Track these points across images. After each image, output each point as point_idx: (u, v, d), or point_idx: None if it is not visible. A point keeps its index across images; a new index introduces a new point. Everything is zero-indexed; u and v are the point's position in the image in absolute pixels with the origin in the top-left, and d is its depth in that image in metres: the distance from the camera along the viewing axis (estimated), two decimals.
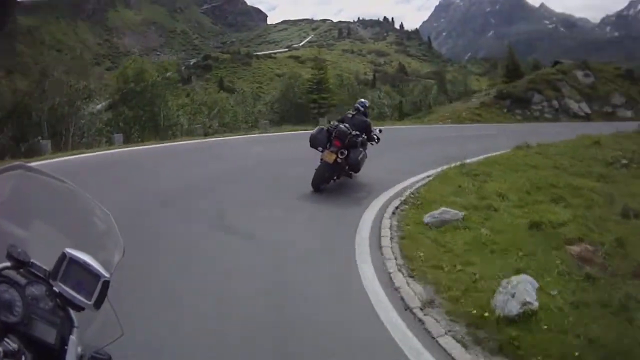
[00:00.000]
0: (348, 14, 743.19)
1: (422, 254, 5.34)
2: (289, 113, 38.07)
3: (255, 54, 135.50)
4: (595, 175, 10.51)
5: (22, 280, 1.20)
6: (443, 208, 6.42)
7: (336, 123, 9.02)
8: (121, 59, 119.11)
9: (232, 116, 35.14)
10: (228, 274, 4.86)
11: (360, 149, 8.59)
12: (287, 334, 3.75)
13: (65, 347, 1.17)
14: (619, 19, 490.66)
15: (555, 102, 34.43)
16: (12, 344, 1.08)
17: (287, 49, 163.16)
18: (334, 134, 8.60)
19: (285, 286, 4.68)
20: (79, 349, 1.20)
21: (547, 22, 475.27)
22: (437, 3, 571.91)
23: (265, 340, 3.66)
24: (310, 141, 8.86)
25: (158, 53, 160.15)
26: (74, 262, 1.21)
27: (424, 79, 79.65)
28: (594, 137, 17.69)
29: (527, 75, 39.92)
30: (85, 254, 1.24)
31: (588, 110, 35.06)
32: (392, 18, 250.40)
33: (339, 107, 37.59)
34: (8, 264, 1.20)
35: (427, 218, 6.31)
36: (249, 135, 19.61)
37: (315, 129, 9.14)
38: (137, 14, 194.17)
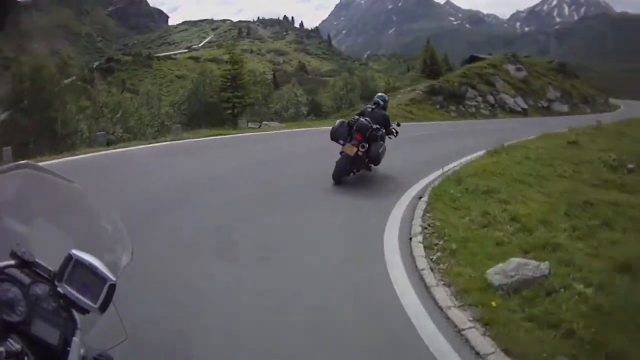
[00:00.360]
0: (248, 14, 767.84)
1: None
2: (199, 114, 36.41)
3: (156, 55, 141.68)
4: (613, 185, 9.59)
5: (26, 280, 1.25)
6: (515, 259, 4.54)
7: (356, 117, 9.71)
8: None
9: (137, 120, 34.10)
10: None
11: (381, 142, 9.37)
12: None
13: (68, 348, 1.23)
14: (531, 15, 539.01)
15: (490, 97, 34.94)
16: (15, 344, 1.12)
17: (186, 50, 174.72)
18: (355, 127, 9.33)
19: None
20: (82, 351, 1.25)
21: (452, 18, 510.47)
22: (338, 1, 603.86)
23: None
24: (331, 134, 9.54)
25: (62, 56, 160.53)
26: (80, 264, 1.26)
27: (324, 77, 79.98)
28: (560, 135, 17.43)
29: (457, 70, 40.41)
30: (92, 256, 1.28)
31: (524, 105, 35.98)
32: (292, 17, 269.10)
33: (254, 106, 37.24)
34: (12, 262, 1.25)
35: (494, 276, 4.39)
36: (160, 144, 15.25)
37: (337, 122, 9.75)
38: (45, 17, 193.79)
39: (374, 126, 9.38)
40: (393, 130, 10.39)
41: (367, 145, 9.20)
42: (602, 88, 79.38)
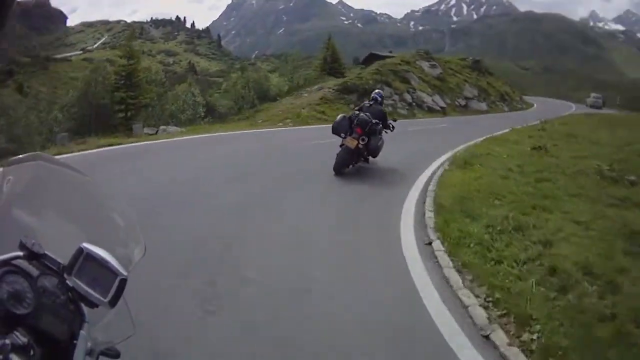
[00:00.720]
0: (142, 14, 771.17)
1: None
2: (88, 118, 34.02)
3: (53, 57, 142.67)
4: (631, 203, 8.79)
5: (34, 272, 1.29)
6: None
7: (357, 112, 11.45)
8: None
9: (24, 126, 32.85)
10: None
11: (380, 136, 11.15)
12: None
13: (75, 342, 1.27)
14: (426, 14, 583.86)
15: (407, 96, 34.64)
16: (21, 337, 1.16)
17: (81, 52, 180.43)
18: (355, 122, 10.93)
19: None
20: (89, 345, 1.30)
21: (343, 18, 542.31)
22: (230, 1, 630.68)
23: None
24: (332, 128, 11.23)
25: None
26: (91, 257, 1.31)
27: (212, 77, 79.00)
28: (512, 138, 17.32)
29: (372, 66, 39.95)
30: (103, 250, 1.34)
31: (443, 104, 36.31)
32: (184, 17, 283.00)
33: (148, 108, 35.44)
34: (20, 253, 1.30)
35: None
36: None
37: (338, 117, 11.40)
38: None
39: (374, 121, 10.97)
40: (390, 125, 12.01)
41: (367, 139, 10.77)
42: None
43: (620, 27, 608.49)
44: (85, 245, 1.32)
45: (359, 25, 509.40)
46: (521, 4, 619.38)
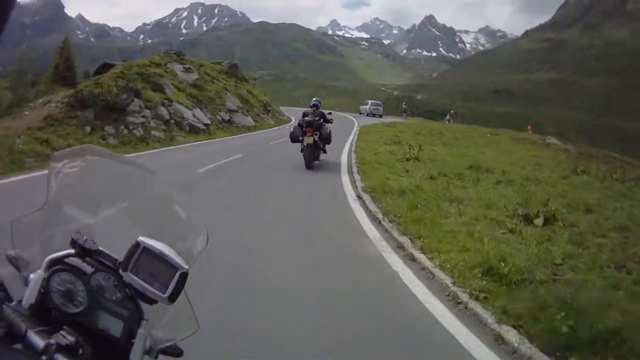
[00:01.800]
0: None
1: None
2: None
3: None
4: None
5: (88, 269, 1.31)
6: None
7: (303, 119, 16.04)
8: None
9: None
10: None
11: (326, 126, 16.38)
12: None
13: (132, 340, 1.28)
14: (157, 27, 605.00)
15: (163, 110, 27.03)
16: (68, 336, 1.16)
17: None
18: (304, 125, 15.73)
19: None
20: (147, 343, 1.29)
21: (79, 32, 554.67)
22: None
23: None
24: (290, 137, 16.34)
25: None
26: (148, 251, 1.30)
27: None
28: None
29: (116, 68, 30.94)
30: (162, 243, 1.32)
31: (206, 120, 29.76)
32: None
33: None
34: (72, 251, 1.31)
35: None
36: None
37: (291, 128, 16.78)
38: None
39: (316, 119, 16.01)
40: (330, 118, 17.34)
41: (318, 133, 15.68)
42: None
43: (364, 35, 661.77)
44: (142, 238, 1.29)
45: (92, 39, 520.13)
46: (255, 16, 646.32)
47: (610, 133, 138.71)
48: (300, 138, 15.50)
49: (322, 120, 16.09)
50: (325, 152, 16.66)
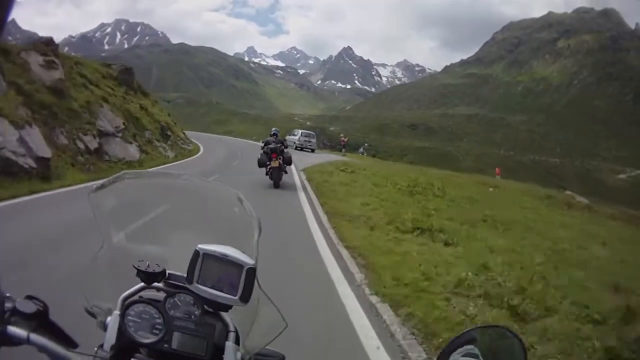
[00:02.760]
0: None
1: None
2: None
3: None
4: None
5: (159, 295, 1.31)
6: None
7: (266, 147, 18.83)
8: None
9: None
10: None
11: (287, 151, 19.34)
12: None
13: (222, 355, 1.26)
14: (82, 40, 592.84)
15: None
16: None
17: None
18: (269, 152, 18.55)
19: None
20: (239, 354, 1.28)
21: (10, 37, 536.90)
22: None
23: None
24: (258, 163, 19.19)
25: None
26: (210, 257, 1.29)
27: None
28: None
29: None
30: (221, 245, 1.31)
31: (46, 151, 16.79)
32: None
33: None
34: (141, 285, 1.31)
35: None
36: None
37: (259, 155, 19.27)
38: None
39: (279, 145, 18.90)
40: (287, 144, 20.61)
41: (281, 157, 18.71)
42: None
43: (280, 63, 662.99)
44: (200, 246, 1.28)
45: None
46: (176, 37, 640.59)
47: (532, 169, 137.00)
48: (267, 163, 18.67)
49: (282, 146, 19.07)
50: (286, 172, 19.74)
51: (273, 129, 20.56)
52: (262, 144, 19.61)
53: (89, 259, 1.36)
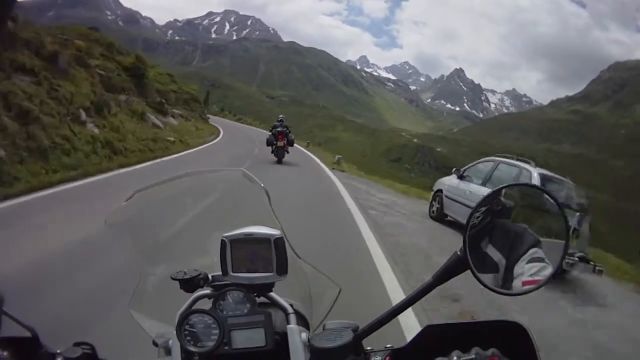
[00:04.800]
0: None
1: None
2: None
3: None
4: None
5: (207, 304, 1.30)
6: None
7: (274, 130, 23.28)
8: None
9: None
10: None
11: (291, 135, 23.69)
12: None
13: (287, 341, 1.24)
14: (188, 25, 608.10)
15: None
16: None
17: None
18: (276, 134, 22.88)
19: None
20: (304, 335, 1.24)
21: (108, 12, 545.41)
22: None
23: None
24: (267, 143, 23.56)
25: None
26: (236, 241, 1.28)
27: None
28: None
29: None
30: (241, 228, 1.29)
31: None
32: None
33: None
34: (193, 296, 1.30)
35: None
36: None
37: (268, 136, 23.84)
38: None
39: (284, 129, 23.08)
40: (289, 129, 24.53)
41: (286, 139, 22.92)
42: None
43: (391, 76, 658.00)
44: (224, 234, 1.27)
45: (120, 23, 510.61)
46: (287, 36, 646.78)
47: (632, 219, 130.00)
48: (274, 143, 22.91)
49: (287, 130, 23.19)
50: (288, 152, 23.47)
51: (280, 115, 25.44)
52: (271, 128, 23.96)
53: (133, 292, 1.39)
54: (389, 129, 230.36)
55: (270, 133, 23.65)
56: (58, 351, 1.15)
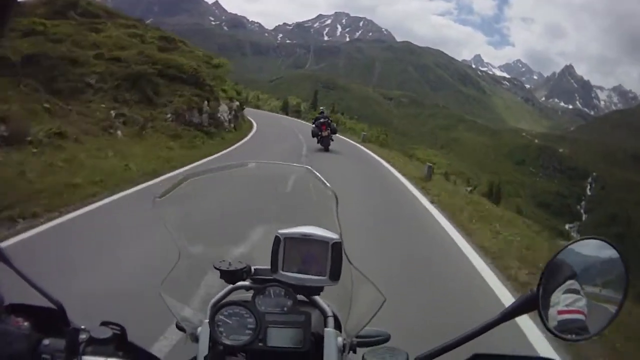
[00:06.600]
0: None
1: None
2: None
3: None
4: None
5: (248, 294, 1.29)
6: None
7: (317, 121, 24.06)
8: None
9: None
10: None
11: (334, 124, 24.87)
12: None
13: (323, 344, 1.23)
14: (297, 29, 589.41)
15: None
16: None
17: None
18: (320, 125, 23.41)
19: None
20: (339, 340, 1.24)
21: (212, 18, 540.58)
22: None
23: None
24: (312, 133, 23.82)
25: None
26: (291, 240, 1.26)
27: None
28: None
29: None
30: (302, 226, 1.28)
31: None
32: None
33: None
34: (230, 286, 1.32)
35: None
36: None
37: (313, 127, 24.33)
38: None
39: (327, 120, 23.67)
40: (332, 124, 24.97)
41: (329, 128, 23.26)
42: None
43: (506, 75, 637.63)
44: (280, 231, 1.27)
45: (225, 28, 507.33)
46: (400, 36, 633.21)
47: None
48: (319, 133, 23.36)
49: (329, 120, 24.31)
50: (332, 140, 24.07)
51: (321, 107, 32.58)
52: (314, 120, 25.71)
53: (167, 274, 1.33)
54: (509, 129, 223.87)
55: (314, 125, 24.57)
56: (83, 327, 1.14)
